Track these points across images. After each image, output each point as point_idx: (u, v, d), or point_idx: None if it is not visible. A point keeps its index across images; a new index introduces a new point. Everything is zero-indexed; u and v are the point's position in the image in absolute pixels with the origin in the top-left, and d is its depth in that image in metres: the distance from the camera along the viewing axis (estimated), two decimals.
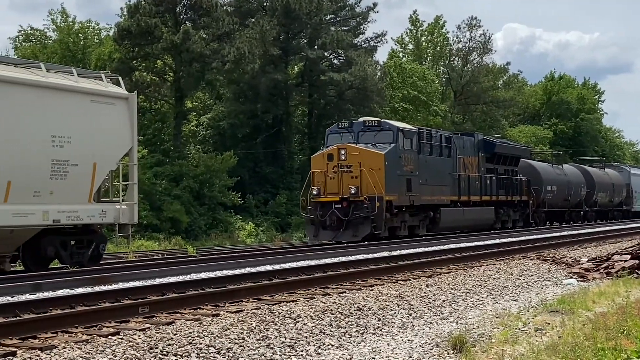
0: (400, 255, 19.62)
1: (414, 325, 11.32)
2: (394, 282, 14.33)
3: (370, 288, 13.46)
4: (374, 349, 9.60)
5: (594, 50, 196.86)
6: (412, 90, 57.77)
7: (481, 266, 17.87)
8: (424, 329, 11.03)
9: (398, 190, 27.27)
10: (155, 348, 8.52)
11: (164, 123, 47.62)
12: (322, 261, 17.70)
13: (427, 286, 14.27)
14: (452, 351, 9.44)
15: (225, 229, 41.61)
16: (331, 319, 10.85)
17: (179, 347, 8.68)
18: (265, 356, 8.96)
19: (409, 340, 10.17)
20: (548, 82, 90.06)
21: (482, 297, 14.16)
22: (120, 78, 19.74)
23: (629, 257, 19.11)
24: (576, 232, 33.10)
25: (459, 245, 23.47)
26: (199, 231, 39.96)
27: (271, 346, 9.30)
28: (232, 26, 44.32)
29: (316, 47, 49.21)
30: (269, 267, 16.35)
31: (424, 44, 71.80)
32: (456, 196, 31.58)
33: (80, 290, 12.59)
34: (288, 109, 50.74)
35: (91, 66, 44.75)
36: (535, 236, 29.08)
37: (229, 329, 9.63)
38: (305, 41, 50.09)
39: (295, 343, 9.58)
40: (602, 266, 18.80)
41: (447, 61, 71.45)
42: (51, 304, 10.90)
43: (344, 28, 52.29)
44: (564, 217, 46.16)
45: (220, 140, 50.28)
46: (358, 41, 53.59)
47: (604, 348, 8.02)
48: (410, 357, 9.21)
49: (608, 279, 17.08)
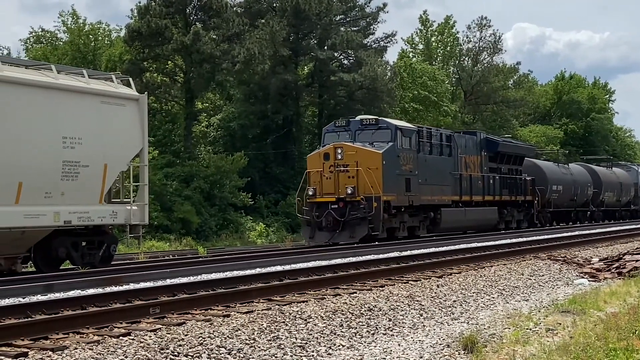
0: (410, 255, 19.61)
1: (424, 326, 11.31)
2: (404, 283, 14.32)
3: (381, 288, 13.45)
4: (385, 350, 9.59)
5: (604, 49, 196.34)
6: (423, 91, 57.72)
7: (492, 266, 17.84)
8: (434, 330, 11.02)
9: (396, 190, 26.79)
10: (167, 349, 8.54)
11: (174, 124, 47.69)
12: (332, 262, 17.71)
13: (437, 286, 14.25)
14: (463, 351, 9.42)
15: (235, 229, 41.63)
16: (342, 320, 10.85)
17: (190, 348, 8.69)
18: (276, 357, 8.96)
19: (419, 340, 10.16)
20: (558, 82, 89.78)
21: (493, 298, 14.13)
22: (130, 79, 19.77)
23: None
24: (587, 232, 33.01)
25: (469, 246, 23.45)
26: (209, 232, 39.99)
27: (282, 347, 9.30)
28: (242, 27, 44.36)
29: (326, 47, 49.20)
30: (279, 268, 16.36)
31: (434, 44, 71.73)
32: (457, 196, 31.08)
33: (91, 291, 12.63)
34: (298, 109, 50.76)
35: (102, 67, 44.87)
36: (546, 236, 29.01)
37: (239, 329, 9.64)
38: (315, 42, 50.11)
39: (306, 343, 9.58)
40: (614, 266, 18.74)
41: (457, 61, 71.38)
42: (62, 304, 10.93)
43: (354, 28, 52.27)
44: (570, 217, 45.61)
45: (230, 141, 50.34)
46: (368, 41, 53.59)
47: (616, 348, 8.00)
48: (421, 357, 9.20)
49: (620, 278, 17.03)
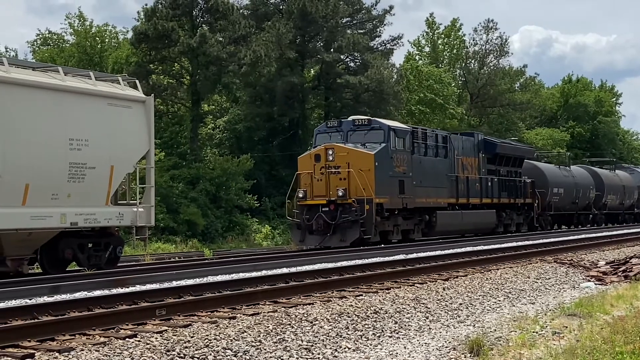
0: (416, 258, 19.60)
1: (430, 329, 11.30)
2: (410, 285, 14.32)
3: (386, 291, 13.45)
4: (391, 352, 9.59)
5: (611, 52, 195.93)
6: (429, 93, 57.67)
7: (498, 269, 17.82)
8: (440, 332, 11.01)
9: (389, 193, 26.22)
10: (172, 350, 8.55)
11: (180, 126, 47.74)
12: (338, 264, 17.72)
13: (444, 289, 14.24)
14: (469, 354, 9.42)
15: (241, 231, 41.65)
16: (348, 322, 10.85)
17: (196, 350, 8.70)
18: (282, 359, 8.96)
19: (425, 343, 10.16)
20: (565, 85, 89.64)
21: (499, 301, 14.12)
22: (137, 81, 19.80)
23: None
24: (593, 235, 32.94)
25: (475, 249, 23.43)
26: (215, 234, 40.03)
27: (288, 349, 9.30)
28: (249, 29, 44.39)
29: (332, 50, 49.21)
30: (285, 270, 16.37)
31: (440, 46, 71.67)
32: (454, 199, 30.44)
33: (97, 293, 12.65)
34: (304, 112, 50.75)
35: (108, 69, 44.95)
36: (553, 239, 28.97)
37: (245, 331, 9.65)
38: (322, 44, 50.11)
39: (312, 346, 9.59)
40: (620, 269, 18.71)
41: (463, 64, 71.30)
42: (69, 306, 10.95)
43: (360, 31, 52.25)
44: (572, 221, 45.05)
45: (236, 143, 50.38)
46: (374, 44, 53.57)
47: (623, 352, 7.99)
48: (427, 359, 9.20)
49: (626, 282, 17.00)
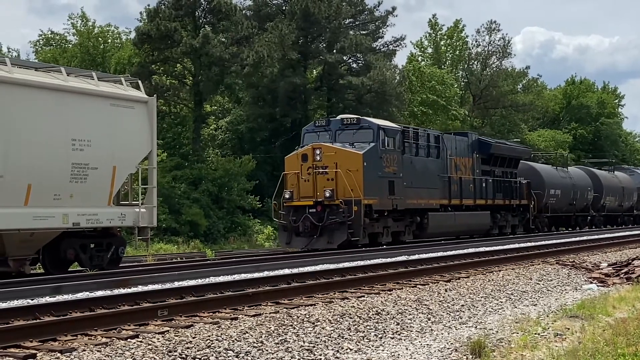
0: (418, 259, 19.60)
1: (432, 330, 11.30)
2: (412, 287, 14.32)
3: (388, 292, 13.46)
4: (393, 354, 9.59)
5: (613, 53, 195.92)
6: (431, 95, 57.64)
7: (500, 271, 17.83)
8: (442, 334, 11.01)
9: (379, 194, 25.57)
10: (174, 351, 8.55)
11: (183, 127, 47.75)
12: (340, 265, 17.73)
13: (445, 290, 14.25)
14: (471, 356, 9.41)
15: (243, 232, 41.62)
16: (350, 323, 10.85)
17: (198, 351, 8.70)
18: None
19: (427, 344, 10.15)
20: (568, 86, 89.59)
21: (501, 302, 14.12)
22: (139, 82, 19.80)
23: None
24: (595, 237, 32.92)
25: (477, 250, 23.44)
26: (217, 235, 40.02)
27: (290, 350, 9.30)
28: (251, 30, 44.37)
29: (335, 51, 49.19)
30: (287, 271, 16.38)
31: (443, 48, 71.65)
32: (447, 200, 29.81)
33: (99, 293, 12.66)
34: (307, 112, 50.71)
35: (111, 70, 45.00)
36: (555, 241, 28.96)
37: (247, 332, 9.65)
38: (324, 45, 50.11)
39: (314, 347, 9.58)
40: (623, 271, 18.70)
41: (466, 65, 71.27)
42: (71, 306, 10.97)
43: (363, 32, 52.22)
44: (569, 223, 44.50)
45: (238, 144, 50.37)
46: (377, 45, 53.54)
47: (625, 354, 7.98)
48: None
49: (628, 284, 16.99)
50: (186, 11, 44.03)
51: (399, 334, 10.86)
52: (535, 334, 10.75)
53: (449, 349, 9.85)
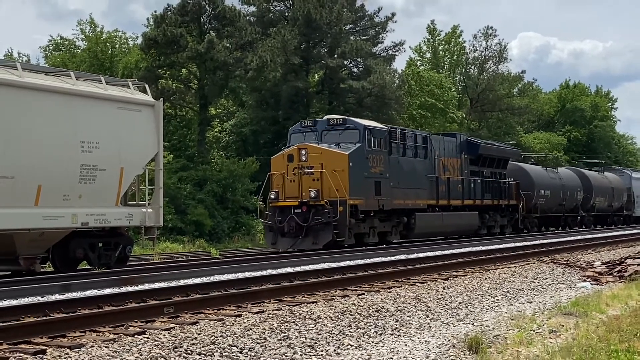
0: (417, 258, 19.60)
1: (430, 327, 11.30)
2: (411, 285, 14.32)
3: (388, 290, 13.46)
4: (392, 350, 9.59)
5: (607, 58, 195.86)
6: (430, 98, 57.64)
7: (497, 269, 17.84)
8: (440, 330, 11.01)
9: (365, 194, 24.91)
10: (180, 347, 8.55)
11: (188, 129, 47.79)
12: (341, 263, 17.73)
13: (443, 288, 14.25)
14: (468, 352, 9.41)
15: (247, 232, 41.58)
16: (350, 320, 10.85)
17: (203, 347, 8.70)
18: (287, 356, 8.96)
19: (426, 341, 10.15)
20: (562, 90, 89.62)
21: (498, 300, 14.11)
22: (146, 86, 19.82)
23: None
24: (589, 236, 32.91)
25: (475, 249, 23.45)
26: (222, 234, 40.01)
27: (292, 346, 9.30)
28: (255, 35, 44.41)
29: (336, 55, 49.20)
30: (289, 269, 16.38)
31: (441, 52, 71.69)
32: (434, 200, 29.20)
33: (107, 291, 12.67)
34: (309, 116, 50.50)
35: (118, 74, 44.99)
36: (549, 240, 28.95)
37: (251, 329, 9.65)
38: (326, 50, 50.11)
39: (315, 343, 9.58)
40: (616, 270, 18.70)
41: (463, 69, 71.30)
42: (80, 304, 10.97)
43: (363, 37, 52.25)
44: (559, 223, 43.90)
45: (242, 146, 50.36)
46: (377, 50, 53.52)
47: (617, 350, 7.98)
48: (427, 357, 9.20)
49: (621, 282, 16.99)
50: (192, 17, 44.06)
51: (398, 331, 10.86)
52: (531, 330, 10.75)
53: (446, 345, 9.85)
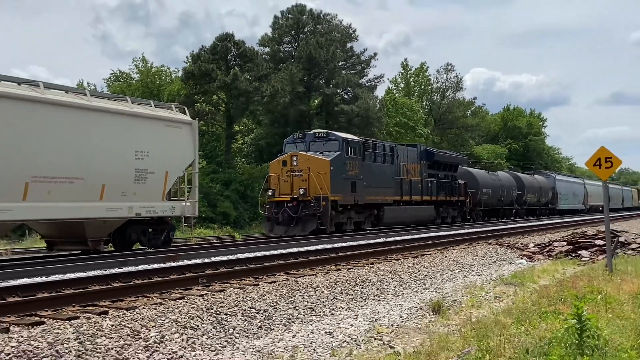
0: (393, 241, 19.57)
1: (403, 294, 11.30)
2: (389, 261, 14.31)
3: (371, 265, 13.45)
4: (374, 311, 9.59)
5: (540, 88, 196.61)
6: (403, 118, 57.65)
7: (454, 250, 17.82)
8: (411, 296, 11.01)
9: (343, 192, 24.16)
10: (211, 309, 8.55)
11: (217, 142, 47.75)
12: (335, 245, 17.70)
13: (413, 264, 14.25)
14: (432, 313, 9.42)
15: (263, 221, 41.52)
16: (342, 289, 10.85)
17: (229, 309, 8.70)
18: (293, 315, 8.96)
19: (400, 304, 10.16)
20: (505, 112, 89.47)
21: (455, 273, 14.11)
22: (185, 108, 19.81)
23: (565, 243, 19.03)
24: (524, 224, 32.83)
25: (437, 234, 23.38)
26: (243, 222, 39.95)
27: (297, 308, 9.30)
28: (269, 70, 44.41)
29: (331, 85, 49.17)
30: (295, 249, 16.35)
31: (412, 83, 71.60)
32: (399, 196, 28.57)
33: (155, 266, 12.66)
34: None
35: (164, 99, 44.89)
36: (493, 227, 28.85)
37: (265, 295, 9.65)
38: (323, 81, 50.05)
39: (315, 306, 9.58)
40: (545, 250, 18.72)
41: (429, 96, 71.24)
42: (134, 275, 10.98)
43: (352, 71, 52.15)
44: (498, 214, 43.18)
45: (259, 155, 50.30)
46: (362, 81, 53.43)
47: (546, 312, 7.99)
48: (401, 317, 9.20)
49: (549, 260, 17.01)
50: (220, 56, 44.06)
51: (379, 297, 10.86)
52: (480, 297, 10.76)
53: (415, 307, 9.85)
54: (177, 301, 8.81)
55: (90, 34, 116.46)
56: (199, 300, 8.96)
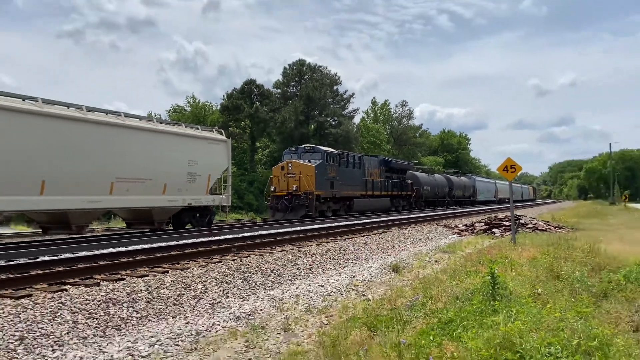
0: (366, 222, 19.53)
1: (373, 259, 11.30)
2: (362, 236, 14.28)
3: (350, 239, 13.43)
4: (352, 271, 9.58)
5: (466, 117, 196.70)
6: (372, 138, 57.63)
7: (407, 228, 17.80)
8: (378, 261, 11.01)
9: (325, 188, 23.97)
10: (239, 269, 8.54)
11: (244, 154, 47.63)
12: (326, 225, 17.66)
13: (379, 238, 14.23)
14: (392, 272, 9.41)
15: None
16: (330, 255, 10.84)
17: (252, 269, 8.68)
18: (296, 274, 8.95)
19: (370, 266, 10.16)
20: (442, 134, 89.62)
21: (407, 245, 14.12)
22: (222, 131, 19.72)
23: (483, 224, 19.04)
24: (456, 211, 32.78)
25: (394, 217, 23.32)
26: (263, 209, 39.82)
27: (299, 269, 9.29)
28: (280, 104, 44.36)
29: (323, 115, 49.12)
30: (299, 228, 16.30)
31: (378, 114, 71.61)
32: (365, 192, 28.17)
33: (201, 239, 12.62)
34: None
35: (207, 124, 44.81)
36: (433, 213, 28.81)
37: (277, 260, 9.64)
38: (317, 112, 50.02)
39: (312, 267, 9.58)
40: (470, 229, 18.72)
41: (390, 123, 71.26)
42: (186, 246, 10.93)
43: (337, 105, 52.14)
44: (435, 204, 42.67)
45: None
46: (345, 112, 53.44)
47: (470, 271, 8.00)
48: (371, 275, 9.19)
49: (472, 235, 17.02)
50: (246, 94, 44.01)
51: (355, 261, 10.86)
52: (425, 261, 10.75)
53: (381, 268, 9.85)
54: (216, 264, 8.80)
55: (157, 79, 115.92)
56: (231, 263, 8.95)
